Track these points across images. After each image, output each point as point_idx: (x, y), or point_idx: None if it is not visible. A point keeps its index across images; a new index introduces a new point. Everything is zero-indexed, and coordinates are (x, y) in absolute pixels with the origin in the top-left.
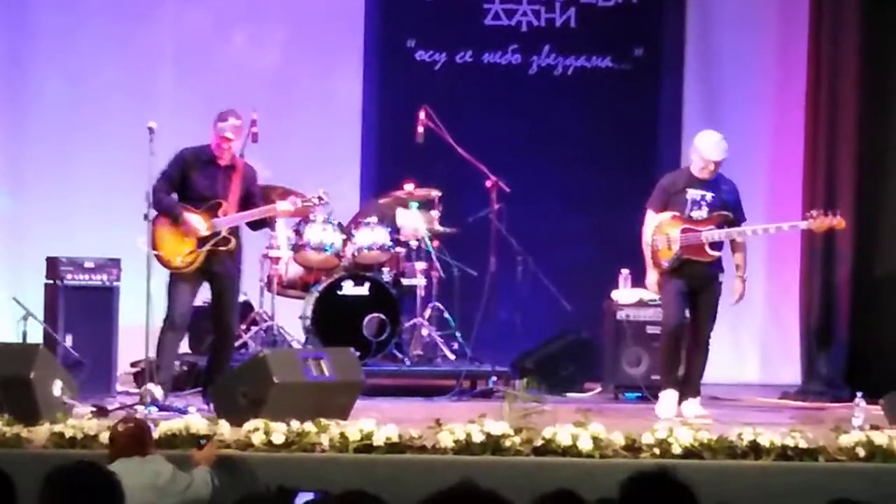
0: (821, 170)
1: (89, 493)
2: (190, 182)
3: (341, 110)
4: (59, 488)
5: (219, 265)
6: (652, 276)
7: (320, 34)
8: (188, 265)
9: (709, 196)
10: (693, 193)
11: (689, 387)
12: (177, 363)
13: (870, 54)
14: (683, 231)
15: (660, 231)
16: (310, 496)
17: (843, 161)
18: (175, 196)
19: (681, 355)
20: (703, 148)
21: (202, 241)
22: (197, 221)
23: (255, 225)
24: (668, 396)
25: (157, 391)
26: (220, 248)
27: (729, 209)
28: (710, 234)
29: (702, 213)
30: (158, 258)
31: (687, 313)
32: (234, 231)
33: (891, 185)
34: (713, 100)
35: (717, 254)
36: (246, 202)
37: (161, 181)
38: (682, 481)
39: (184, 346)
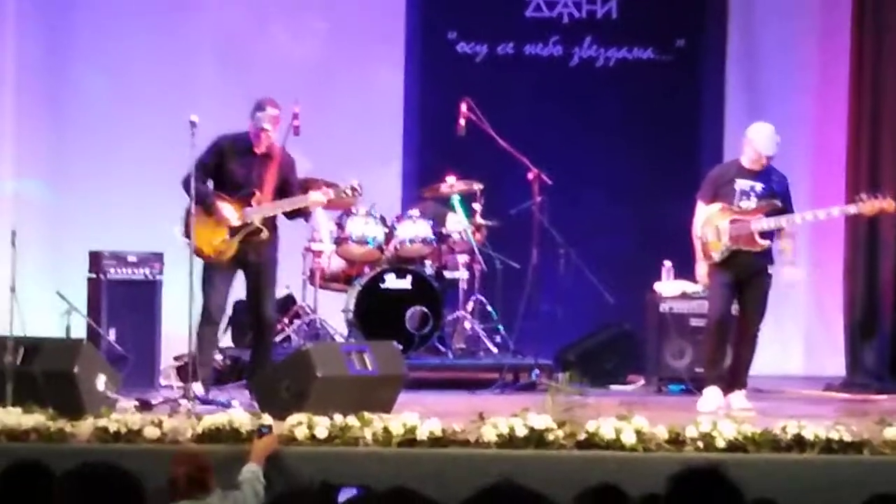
0: (864, 159)
1: (111, 493)
2: (226, 171)
3: (383, 103)
4: (81, 488)
5: (253, 254)
6: (702, 268)
7: (361, 26)
8: (220, 255)
9: (758, 186)
10: (742, 184)
11: (735, 379)
12: (220, 357)
13: None
14: (732, 222)
15: (709, 223)
16: (353, 492)
17: (886, 150)
18: (210, 184)
19: (725, 350)
20: (757, 141)
21: (234, 231)
22: (228, 211)
23: (289, 214)
24: (711, 393)
25: (198, 388)
26: (253, 238)
27: (778, 199)
28: (760, 223)
29: (750, 204)
30: (192, 247)
31: (734, 306)
32: (269, 221)
33: None
34: (756, 90)
35: (767, 243)
36: (283, 191)
37: (196, 169)
38: (732, 480)
39: (226, 340)
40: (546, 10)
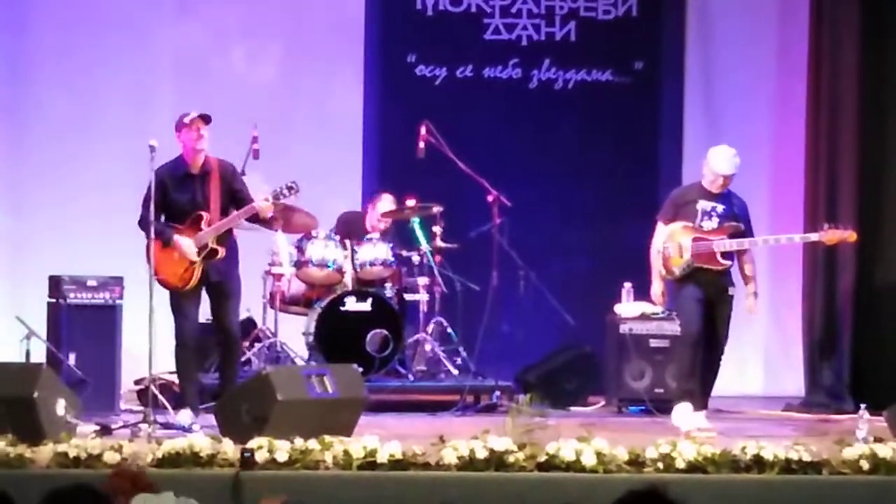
0: (822, 178)
1: None
2: (170, 200)
3: (342, 126)
4: None
5: (214, 274)
6: (657, 286)
7: (320, 49)
8: (186, 283)
9: (720, 208)
10: (704, 205)
11: (696, 400)
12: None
13: (870, 62)
14: (695, 240)
15: (671, 239)
16: None
17: (843, 169)
18: (162, 217)
19: (699, 364)
20: (714, 161)
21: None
22: (187, 242)
23: (251, 221)
24: (685, 409)
25: (185, 415)
26: (212, 259)
27: (740, 221)
28: (721, 243)
29: (712, 224)
30: (159, 281)
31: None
32: (223, 237)
33: (891, 194)
34: (714, 111)
35: (727, 263)
36: (235, 201)
37: (145, 208)
38: (674, 498)
39: None
40: (505, 32)
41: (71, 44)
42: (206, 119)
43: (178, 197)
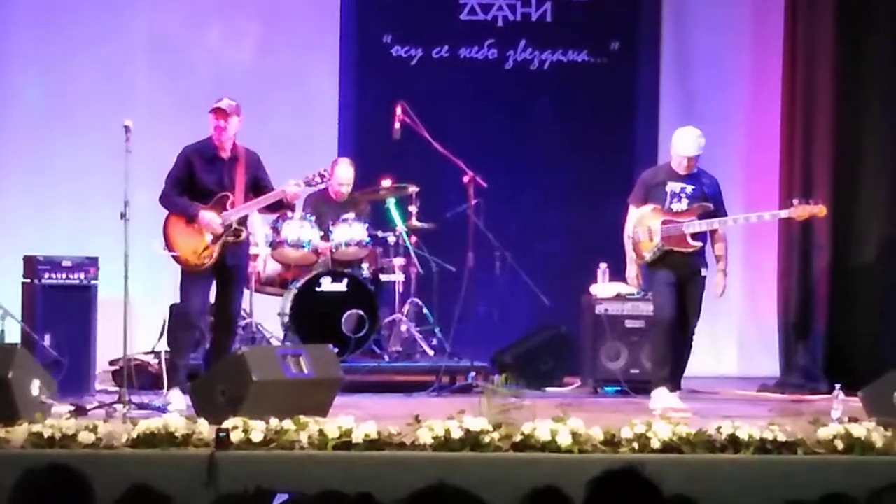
0: (797, 160)
1: (61, 495)
2: (196, 179)
3: (317, 107)
4: (32, 491)
5: (231, 257)
6: (632, 269)
7: (295, 30)
8: (205, 261)
9: (689, 188)
10: (673, 186)
11: (670, 384)
12: (155, 361)
13: (845, 44)
14: (664, 223)
15: (640, 223)
16: (286, 497)
17: (819, 150)
18: (185, 196)
19: (672, 348)
20: (678, 143)
21: (217, 237)
22: (212, 218)
23: (270, 207)
24: (663, 394)
25: (175, 396)
26: (233, 240)
27: (709, 201)
28: (691, 224)
29: (682, 206)
30: (176, 259)
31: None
32: (243, 221)
33: (867, 176)
34: (690, 92)
35: (698, 244)
36: (256, 189)
37: (169, 184)
38: (648, 478)
39: (161, 345)
40: (480, 13)
41: (46, 27)
42: (217, 112)
43: (203, 176)
